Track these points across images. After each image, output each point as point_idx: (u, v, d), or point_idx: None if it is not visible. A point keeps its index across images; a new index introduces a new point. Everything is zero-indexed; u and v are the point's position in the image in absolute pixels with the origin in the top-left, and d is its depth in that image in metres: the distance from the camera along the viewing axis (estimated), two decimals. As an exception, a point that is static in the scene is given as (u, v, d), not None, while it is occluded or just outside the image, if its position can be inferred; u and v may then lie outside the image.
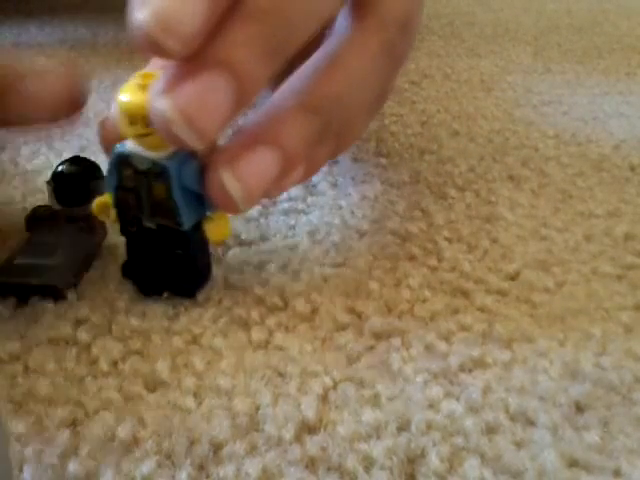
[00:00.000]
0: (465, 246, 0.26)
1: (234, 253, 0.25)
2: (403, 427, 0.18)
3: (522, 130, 0.36)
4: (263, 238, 0.26)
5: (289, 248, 0.25)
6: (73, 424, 0.18)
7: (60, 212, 0.25)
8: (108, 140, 0.21)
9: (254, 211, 0.28)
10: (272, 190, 0.21)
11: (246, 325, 0.21)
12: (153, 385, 0.19)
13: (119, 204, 0.21)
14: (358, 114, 0.23)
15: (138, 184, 0.21)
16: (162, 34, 0.17)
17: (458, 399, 0.19)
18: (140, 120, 0.19)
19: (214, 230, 0.22)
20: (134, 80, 0.19)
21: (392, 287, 0.23)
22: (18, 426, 0.18)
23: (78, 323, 0.21)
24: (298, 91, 0.21)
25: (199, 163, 0.20)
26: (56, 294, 0.22)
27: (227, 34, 0.18)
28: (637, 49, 0.51)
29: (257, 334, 0.21)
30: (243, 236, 0.26)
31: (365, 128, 0.25)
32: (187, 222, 0.21)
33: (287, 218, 0.27)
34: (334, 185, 0.30)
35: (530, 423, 0.18)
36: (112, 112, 0.22)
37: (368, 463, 0.17)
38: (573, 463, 0.17)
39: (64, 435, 0.17)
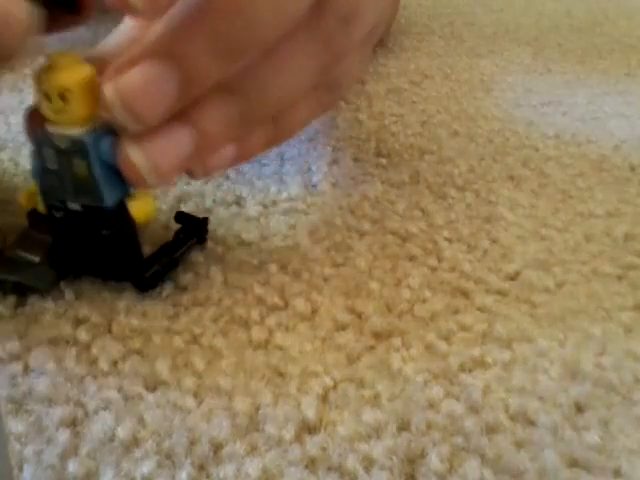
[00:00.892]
0: (465, 246, 0.26)
1: (234, 253, 0.25)
2: (403, 427, 0.18)
3: (522, 130, 0.36)
4: (263, 238, 0.26)
5: (289, 248, 0.25)
6: (73, 424, 0.18)
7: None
8: (32, 127, 0.21)
9: (254, 211, 0.28)
10: (196, 168, 0.21)
11: (246, 325, 0.21)
12: (153, 385, 0.19)
13: (43, 189, 0.21)
14: (293, 102, 0.22)
15: (60, 165, 0.21)
16: None
17: (458, 399, 0.19)
18: (57, 95, 0.19)
19: (137, 209, 0.22)
20: (50, 58, 0.20)
21: (392, 287, 0.23)
22: (18, 426, 0.18)
23: (78, 323, 0.21)
24: None
25: (117, 138, 0.20)
26: (37, 291, 0.22)
27: (181, 28, 0.19)
28: (637, 49, 0.51)
29: (257, 334, 0.21)
30: (243, 236, 0.26)
31: (308, 119, 0.24)
32: (109, 199, 0.20)
33: (287, 218, 0.27)
34: (334, 185, 0.30)
35: (530, 423, 0.18)
36: (33, 99, 0.22)
37: (368, 463, 0.17)
38: (573, 463, 0.17)
39: (64, 435, 0.17)
